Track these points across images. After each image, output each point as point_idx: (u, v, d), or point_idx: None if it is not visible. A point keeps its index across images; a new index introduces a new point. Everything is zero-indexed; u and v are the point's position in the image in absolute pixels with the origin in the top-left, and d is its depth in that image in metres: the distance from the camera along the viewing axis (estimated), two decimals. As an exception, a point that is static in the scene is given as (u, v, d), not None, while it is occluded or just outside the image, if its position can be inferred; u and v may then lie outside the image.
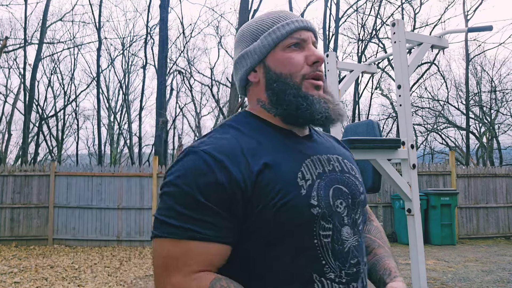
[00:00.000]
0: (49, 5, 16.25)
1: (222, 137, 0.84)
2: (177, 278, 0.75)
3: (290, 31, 0.88)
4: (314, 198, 0.81)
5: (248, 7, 14.83)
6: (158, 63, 14.57)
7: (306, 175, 0.83)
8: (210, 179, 0.76)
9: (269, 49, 0.89)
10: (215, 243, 0.76)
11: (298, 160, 0.85)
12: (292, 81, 0.87)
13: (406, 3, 19.14)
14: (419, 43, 2.46)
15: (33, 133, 20.15)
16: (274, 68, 0.88)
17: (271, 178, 0.79)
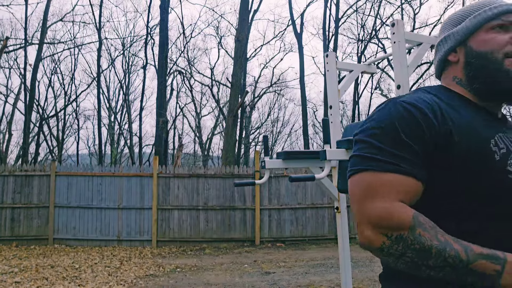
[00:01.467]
0: (50, 5, 16.27)
1: (421, 94, 0.90)
2: (382, 203, 0.79)
3: (497, 13, 0.91)
4: (510, 166, 0.83)
5: (248, 7, 14.85)
6: (159, 63, 14.59)
7: (500, 144, 0.85)
8: (411, 122, 0.82)
9: (473, 29, 0.93)
10: (413, 178, 0.80)
11: (491, 130, 0.87)
12: (494, 56, 0.90)
13: (406, 3, 19.17)
14: (418, 43, 2.47)
15: (33, 133, 20.15)
16: (476, 47, 0.92)
17: (464, 139, 0.83)
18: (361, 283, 5.49)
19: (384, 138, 0.83)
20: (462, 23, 0.95)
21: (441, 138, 0.82)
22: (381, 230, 0.78)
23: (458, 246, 0.75)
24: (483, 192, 0.82)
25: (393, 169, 0.80)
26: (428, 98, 0.87)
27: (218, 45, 22.07)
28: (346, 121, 22.52)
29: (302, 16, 19.57)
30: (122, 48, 22.10)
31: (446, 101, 0.89)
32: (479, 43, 0.92)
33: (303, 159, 2.75)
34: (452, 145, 0.82)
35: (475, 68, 0.92)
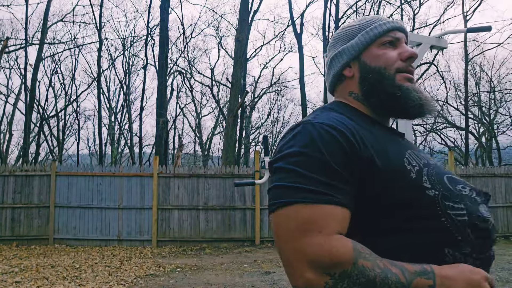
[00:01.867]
0: (50, 5, 16.28)
1: (331, 114, 0.87)
2: (319, 239, 0.73)
3: (386, 30, 0.95)
4: (426, 182, 0.83)
5: (248, 8, 14.86)
6: (159, 63, 14.61)
7: (412, 162, 0.85)
8: (337, 147, 0.79)
9: (366, 45, 0.95)
10: (345, 207, 0.77)
11: (401, 149, 0.88)
12: (387, 72, 0.92)
13: (406, 3, 19.18)
14: (418, 44, 2.48)
15: (34, 133, 20.17)
16: (370, 63, 0.94)
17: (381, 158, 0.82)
18: (361, 282, 5.51)
19: (310, 165, 0.77)
20: (355, 38, 0.96)
21: (364, 163, 0.80)
22: (323, 270, 0.72)
23: (396, 270, 0.74)
24: (405, 210, 0.81)
25: (327, 200, 0.75)
26: (342, 119, 0.84)
27: (218, 45, 22.11)
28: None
29: (302, 16, 19.59)
30: (123, 48, 22.13)
31: (355, 119, 0.88)
32: (372, 59, 0.94)
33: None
34: (375, 169, 0.80)
35: (371, 83, 0.93)
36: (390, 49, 0.94)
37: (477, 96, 20.62)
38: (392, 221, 0.81)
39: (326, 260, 0.71)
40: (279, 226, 0.77)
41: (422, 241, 0.80)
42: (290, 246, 0.74)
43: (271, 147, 26.01)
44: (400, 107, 0.92)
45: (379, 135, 0.87)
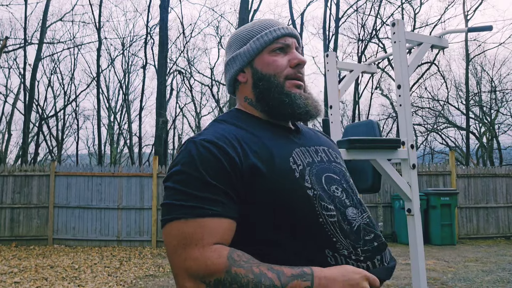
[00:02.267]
0: (49, 5, 16.26)
1: (218, 128, 0.93)
2: (195, 252, 0.79)
3: (276, 37, 0.98)
4: (307, 182, 0.89)
5: (248, 7, 14.82)
6: (158, 63, 14.57)
7: (298, 161, 0.91)
8: (214, 162, 0.84)
9: (257, 52, 0.99)
10: (224, 218, 0.82)
11: (289, 148, 0.93)
12: (276, 80, 0.97)
13: (406, 3, 19.14)
14: (419, 43, 2.46)
15: (33, 133, 20.14)
16: (261, 69, 0.98)
17: (265, 163, 0.87)
18: (361, 283, 5.48)
19: (189, 182, 0.83)
20: (247, 44, 1.00)
21: (246, 173, 0.85)
22: (199, 279, 0.79)
23: (272, 274, 0.78)
24: (289, 210, 0.86)
25: (203, 213, 0.81)
26: (227, 131, 0.90)
27: (218, 45, 22.05)
28: (346, 121, 22.51)
29: (302, 15, 19.55)
30: (122, 48, 22.10)
31: (245, 127, 0.94)
32: (263, 66, 0.98)
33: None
34: (258, 176, 0.85)
35: (262, 91, 0.97)
36: (281, 56, 0.98)
37: (478, 96, 20.59)
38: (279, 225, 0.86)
39: (201, 271, 0.78)
40: (165, 241, 0.85)
41: (305, 243, 0.85)
42: (173, 260, 0.82)
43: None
44: (288, 112, 0.96)
45: (268, 139, 0.93)
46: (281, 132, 0.98)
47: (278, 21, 1.02)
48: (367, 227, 0.92)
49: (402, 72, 2.28)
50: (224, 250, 0.80)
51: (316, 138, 1.05)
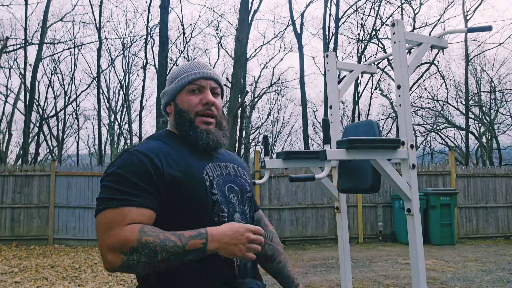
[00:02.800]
0: (50, 5, 16.27)
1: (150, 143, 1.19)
2: (115, 231, 1.01)
3: (191, 80, 1.22)
4: (215, 189, 1.16)
5: (248, 7, 14.83)
6: (158, 63, 14.58)
7: (209, 173, 1.18)
8: (140, 167, 1.09)
9: (178, 91, 1.24)
10: (142, 208, 1.06)
11: (204, 163, 1.20)
12: (188, 115, 1.21)
13: (406, 3, 19.16)
14: (418, 43, 2.47)
15: (33, 133, 20.15)
16: (180, 105, 1.23)
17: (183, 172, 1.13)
18: (361, 283, 5.49)
19: (119, 181, 1.07)
20: (173, 83, 1.25)
21: (166, 178, 1.10)
22: (118, 251, 1.00)
23: (175, 237, 1.02)
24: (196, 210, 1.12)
25: (125, 204, 1.04)
26: (156, 146, 1.16)
27: (218, 45, 22.14)
28: (346, 121, 22.52)
29: (302, 16, 19.57)
30: (122, 48, 22.11)
31: (171, 144, 1.19)
32: (181, 102, 1.23)
33: (303, 159, 2.75)
34: (175, 181, 1.10)
35: (177, 121, 1.23)
36: (195, 95, 1.22)
37: (478, 96, 20.60)
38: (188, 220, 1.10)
39: (118, 243, 1.00)
40: (96, 228, 1.06)
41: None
42: (100, 240, 1.04)
43: (271, 147, 25.99)
44: (191, 142, 1.21)
45: (188, 154, 1.18)
46: (198, 152, 1.22)
47: (203, 65, 1.26)
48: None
49: (401, 72, 2.29)
50: (136, 226, 1.02)
51: (229, 157, 1.33)
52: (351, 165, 2.48)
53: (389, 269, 6.38)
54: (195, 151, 1.21)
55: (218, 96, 1.26)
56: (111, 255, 1.00)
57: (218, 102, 1.25)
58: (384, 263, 6.88)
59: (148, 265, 1.01)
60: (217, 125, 1.24)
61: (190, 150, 1.20)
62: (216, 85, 1.25)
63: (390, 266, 6.63)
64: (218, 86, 1.26)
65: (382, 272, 6.12)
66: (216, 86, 1.26)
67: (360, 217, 9.42)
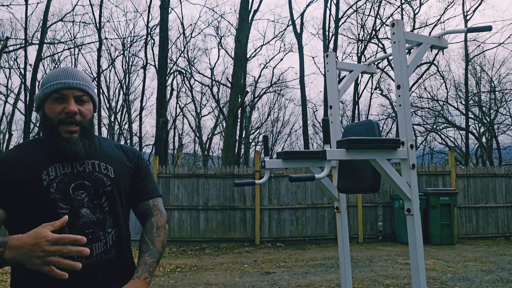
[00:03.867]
0: (50, 5, 16.28)
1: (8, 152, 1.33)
2: None
3: (54, 90, 1.28)
4: (53, 188, 1.24)
5: (248, 7, 14.84)
6: (159, 63, 14.59)
7: (51, 173, 1.25)
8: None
9: (44, 98, 1.30)
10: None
11: (48, 163, 1.27)
12: (51, 123, 1.28)
13: (406, 3, 19.17)
14: (418, 44, 2.47)
15: (33, 133, 20.15)
16: (46, 112, 1.30)
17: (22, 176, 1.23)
18: (361, 283, 5.49)
19: None
20: (40, 90, 1.32)
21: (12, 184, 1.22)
22: None
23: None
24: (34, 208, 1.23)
25: None
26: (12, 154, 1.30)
27: (218, 45, 22.12)
28: (346, 121, 22.53)
29: (302, 16, 19.57)
30: (122, 48, 22.13)
31: (26, 151, 1.31)
32: (46, 110, 1.30)
33: (303, 159, 2.75)
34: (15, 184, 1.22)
35: (44, 128, 1.32)
36: (58, 104, 1.28)
37: (478, 96, 20.61)
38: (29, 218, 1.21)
39: None
40: None
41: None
42: None
43: (271, 147, 26.00)
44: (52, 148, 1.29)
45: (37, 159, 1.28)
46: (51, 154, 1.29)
47: (69, 74, 1.31)
48: (92, 224, 1.27)
49: (401, 72, 2.30)
50: None
51: (97, 154, 1.37)
52: (351, 165, 2.49)
53: (389, 269, 6.38)
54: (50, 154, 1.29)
55: (85, 103, 1.31)
56: None
57: (84, 109, 1.31)
58: (384, 263, 6.88)
59: None
60: (82, 132, 1.30)
61: (45, 154, 1.29)
62: (80, 93, 1.30)
63: (390, 266, 6.63)
64: (84, 94, 1.31)
65: (382, 272, 6.12)
66: (82, 94, 1.30)
67: (360, 217, 9.43)
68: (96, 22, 18.13)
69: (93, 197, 1.28)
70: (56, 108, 1.27)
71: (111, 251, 1.31)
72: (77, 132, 1.29)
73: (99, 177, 1.32)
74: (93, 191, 1.29)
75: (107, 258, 1.29)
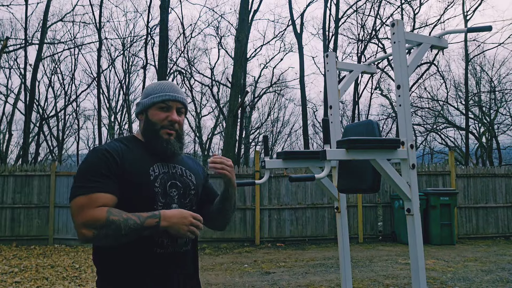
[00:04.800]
0: (50, 5, 16.27)
1: (114, 144, 1.50)
2: (87, 212, 1.30)
3: (162, 100, 1.53)
4: (157, 182, 1.46)
5: (248, 7, 14.83)
6: (159, 63, 14.58)
7: (156, 170, 1.49)
8: (103, 160, 1.39)
9: (150, 106, 1.55)
10: (106, 193, 1.35)
11: (152, 161, 1.50)
12: (155, 127, 1.53)
13: (406, 3, 19.17)
14: (418, 44, 2.47)
15: (33, 133, 20.14)
16: (150, 117, 1.55)
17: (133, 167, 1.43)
18: (361, 283, 5.50)
19: (87, 172, 1.38)
20: (147, 98, 1.55)
21: (120, 170, 1.40)
22: (90, 227, 1.29)
23: (135, 217, 1.32)
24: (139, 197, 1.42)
25: (91, 190, 1.33)
26: (117, 146, 1.47)
27: (218, 45, 22.10)
28: (346, 121, 22.52)
29: (302, 16, 19.57)
30: (122, 48, 22.12)
31: (130, 146, 1.51)
32: (151, 115, 1.54)
33: (303, 159, 2.75)
34: (126, 173, 1.40)
35: (146, 128, 1.55)
36: (163, 112, 1.53)
37: (478, 96, 20.61)
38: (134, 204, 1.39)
39: (90, 221, 1.29)
40: (71, 212, 1.35)
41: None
42: (74, 220, 1.32)
43: (271, 147, 26.00)
44: (152, 148, 1.53)
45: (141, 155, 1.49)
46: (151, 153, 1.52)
47: (174, 89, 1.57)
48: None
49: (401, 72, 2.30)
50: (105, 208, 1.32)
51: (183, 162, 1.63)
52: (351, 165, 2.49)
53: (389, 269, 6.38)
54: (151, 154, 1.52)
55: (182, 114, 1.58)
56: (85, 230, 1.29)
57: (181, 119, 1.58)
58: (384, 263, 6.88)
59: (114, 238, 1.31)
60: (177, 137, 1.55)
61: (147, 152, 1.51)
62: (181, 106, 1.57)
63: (390, 266, 6.63)
64: (183, 106, 1.58)
65: (382, 272, 6.12)
66: (181, 106, 1.58)
67: (360, 217, 9.43)
68: (96, 22, 18.13)
69: (181, 196, 1.52)
70: (161, 116, 1.52)
71: (189, 243, 1.55)
72: (173, 136, 1.54)
73: (186, 181, 1.57)
74: (182, 191, 1.53)
75: (186, 249, 1.53)
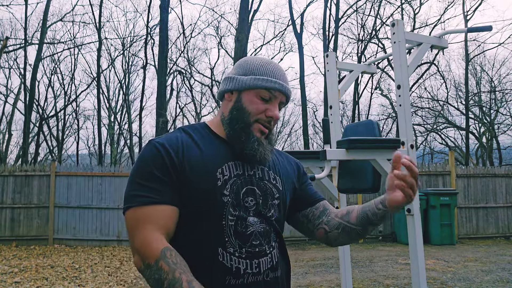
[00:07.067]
0: (50, 5, 16.27)
1: (174, 135, 1.15)
2: (142, 234, 1.02)
3: (269, 87, 1.15)
4: (227, 189, 1.09)
5: (248, 7, 14.82)
6: (158, 63, 14.57)
7: (226, 171, 1.11)
8: (158, 158, 1.07)
9: (249, 88, 1.15)
10: (165, 205, 1.04)
11: (223, 160, 1.13)
12: (248, 118, 1.14)
13: (406, 3, 19.16)
14: (418, 43, 2.47)
15: (33, 133, 20.14)
16: (243, 101, 1.16)
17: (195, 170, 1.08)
18: (361, 283, 5.49)
19: (141, 175, 1.07)
20: (248, 76, 1.16)
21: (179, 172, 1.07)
22: (140, 257, 1.02)
23: (186, 285, 0.94)
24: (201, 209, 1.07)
25: (147, 201, 1.03)
26: (179, 138, 1.13)
27: (218, 45, 22.06)
28: (346, 121, 22.51)
29: (302, 16, 19.56)
30: (122, 48, 22.10)
31: (196, 139, 1.15)
32: (246, 100, 1.15)
33: (303, 159, 2.75)
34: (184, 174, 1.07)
35: (234, 116, 1.15)
36: (263, 103, 1.15)
37: (478, 96, 20.60)
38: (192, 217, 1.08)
39: (141, 251, 1.01)
40: (126, 225, 1.07)
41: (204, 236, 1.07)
42: (130, 239, 1.05)
43: (271, 147, 25.93)
44: (238, 146, 1.14)
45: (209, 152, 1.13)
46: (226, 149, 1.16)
47: (282, 75, 1.18)
48: (258, 235, 1.12)
49: (401, 72, 2.29)
50: (162, 243, 1.01)
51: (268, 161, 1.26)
52: (351, 165, 2.48)
53: (389, 269, 6.38)
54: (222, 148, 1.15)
55: (280, 109, 1.21)
56: (136, 257, 1.04)
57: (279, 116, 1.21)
58: (384, 263, 6.88)
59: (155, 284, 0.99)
60: (268, 137, 1.19)
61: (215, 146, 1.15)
62: (285, 100, 1.20)
63: (390, 266, 6.63)
64: (285, 102, 1.22)
65: (382, 272, 6.12)
66: (284, 101, 1.21)
67: (360, 217, 9.42)
68: (96, 22, 18.12)
69: (260, 206, 1.14)
70: (260, 106, 1.15)
71: (277, 268, 1.15)
72: (265, 135, 1.18)
73: (268, 186, 1.18)
74: (261, 200, 1.15)
75: (274, 276, 1.13)
